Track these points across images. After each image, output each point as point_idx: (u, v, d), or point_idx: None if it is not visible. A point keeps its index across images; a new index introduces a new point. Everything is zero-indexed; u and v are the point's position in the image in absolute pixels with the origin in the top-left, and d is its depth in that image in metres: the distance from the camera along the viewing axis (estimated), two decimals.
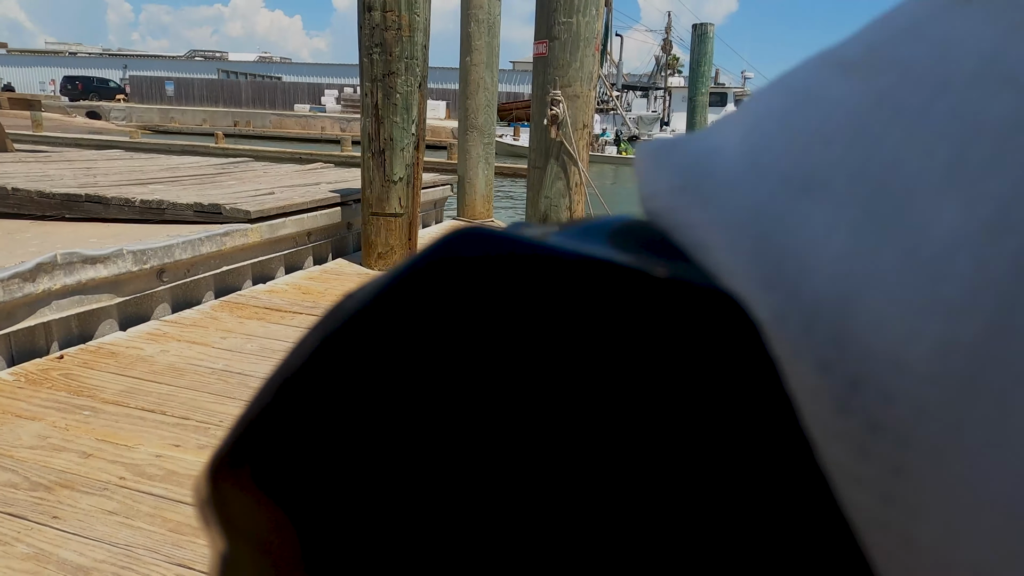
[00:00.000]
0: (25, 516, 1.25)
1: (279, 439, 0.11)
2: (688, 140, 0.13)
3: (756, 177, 0.10)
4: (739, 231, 0.10)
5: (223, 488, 0.12)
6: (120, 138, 15.31)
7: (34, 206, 3.03)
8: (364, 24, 3.02)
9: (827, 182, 0.10)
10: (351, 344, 0.11)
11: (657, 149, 0.13)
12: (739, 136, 0.11)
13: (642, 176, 0.13)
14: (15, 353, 2.01)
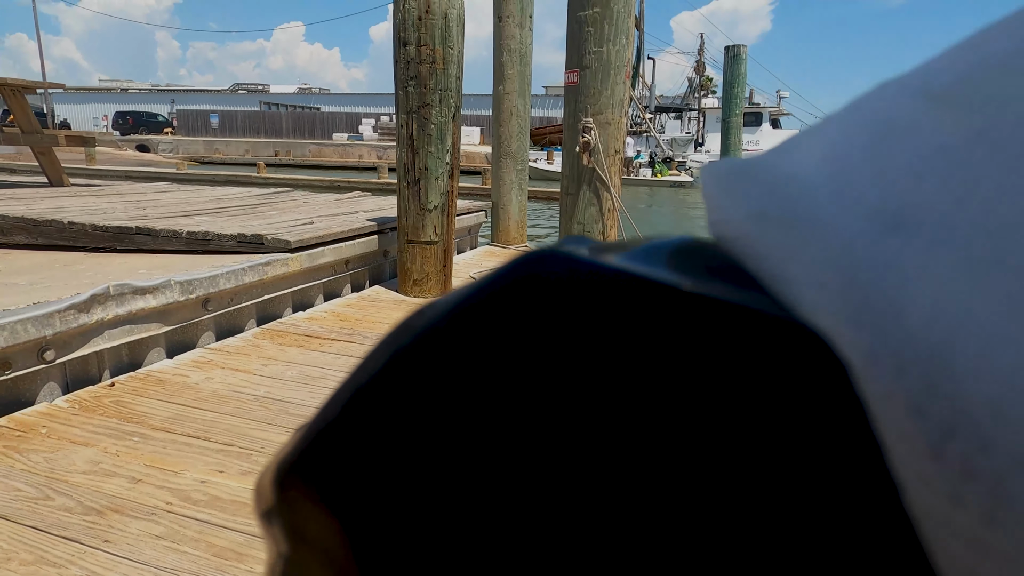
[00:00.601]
0: (79, 540, 1.30)
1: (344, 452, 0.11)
2: (763, 164, 0.12)
3: (843, 211, 0.10)
4: (826, 266, 0.10)
5: (288, 493, 0.12)
6: (168, 170, 15.91)
7: (88, 239, 3.17)
8: (399, 58, 3.11)
9: (920, 220, 0.09)
10: (424, 360, 0.11)
11: (729, 172, 0.12)
12: (818, 164, 0.11)
13: (713, 200, 0.12)
14: (70, 381, 2.10)
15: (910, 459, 0.09)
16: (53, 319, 1.98)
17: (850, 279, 0.09)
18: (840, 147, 0.11)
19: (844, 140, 0.11)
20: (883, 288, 0.09)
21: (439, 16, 3.04)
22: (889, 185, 0.10)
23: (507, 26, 4.57)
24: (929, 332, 0.09)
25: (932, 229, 0.09)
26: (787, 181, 0.11)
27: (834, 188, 0.11)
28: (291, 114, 34.87)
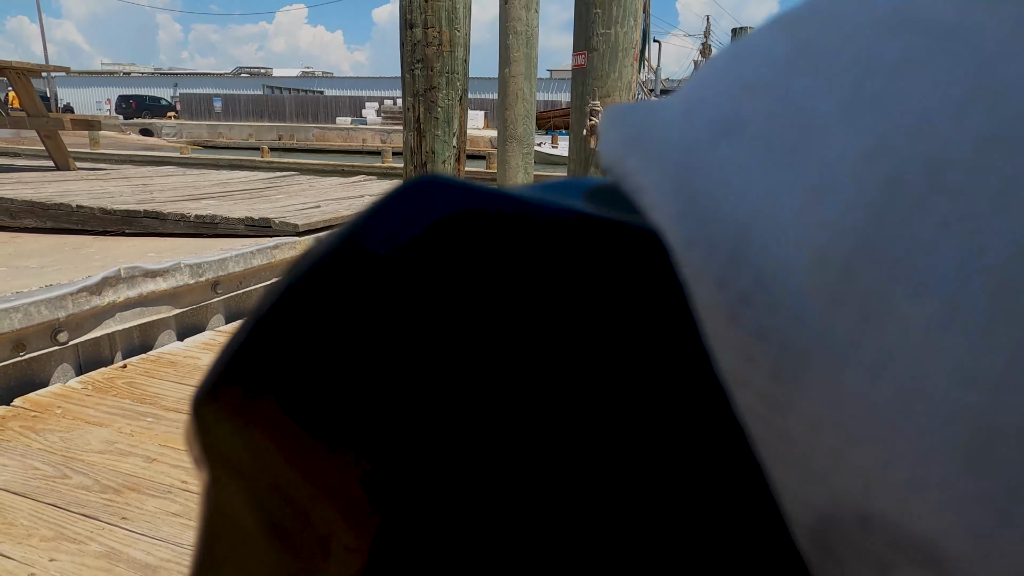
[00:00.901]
0: (97, 517, 1.33)
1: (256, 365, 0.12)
2: (644, 103, 0.14)
3: (686, 124, 0.11)
4: (665, 171, 0.11)
5: (206, 418, 0.13)
6: (172, 154, 15.90)
7: (96, 222, 3.19)
8: (406, 41, 3.10)
9: (744, 124, 0.10)
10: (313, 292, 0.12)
11: (617, 110, 0.14)
12: (683, 94, 0.12)
13: (602, 135, 0.14)
14: (83, 363, 2.12)
15: (715, 328, 0.10)
16: (66, 301, 2.00)
17: (681, 179, 0.11)
18: (699, 78, 0.12)
19: (705, 73, 0.12)
20: (706, 184, 0.10)
21: None
22: (726, 99, 0.11)
23: (513, 8, 4.53)
24: (735, 216, 0.10)
25: (752, 130, 0.10)
26: (652, 113, 0.13)
27: (684, 107, 0.12)
28: (294, 98, 34.75)
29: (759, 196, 0.10)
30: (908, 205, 0.08)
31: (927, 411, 0.08)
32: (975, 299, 0.08)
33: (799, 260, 0.09)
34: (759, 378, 0.09)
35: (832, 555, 0.09)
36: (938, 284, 0.08)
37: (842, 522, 0.09)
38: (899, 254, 0.08)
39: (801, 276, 0.09)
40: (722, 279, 0.10)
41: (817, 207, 0.09)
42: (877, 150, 0.09)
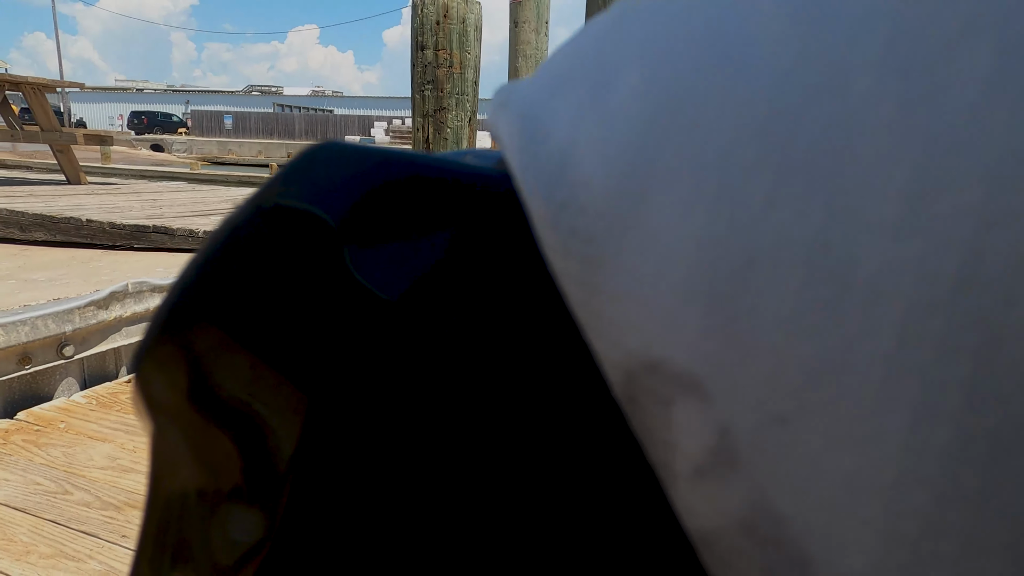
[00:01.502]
0: (97, 534, 1.31)
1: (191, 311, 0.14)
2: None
3: (535, 83, 0.14)
4: (512, 123, 0.13)
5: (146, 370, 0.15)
6: (182, 169, 16.03)
7: (106, 236, 3.20)
8: (417, 62, 3.13)
9: (570, 78, 0.13)
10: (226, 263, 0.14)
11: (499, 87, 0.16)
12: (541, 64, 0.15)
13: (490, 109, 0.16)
14: (88, 377, 2.12)
15: (542, 233, 0.12)
16: (73, 315, 2.00)
17: (522, 126, 0.13)
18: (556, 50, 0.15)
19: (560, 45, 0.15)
20: (539, 126, 0.13)
21: (457, 20, 3.05)
22: (560, 63, 0.14)
23: (523, 31, 4.59)
24: (557, 145, 0.12)
25: (574, 81, 0.13)
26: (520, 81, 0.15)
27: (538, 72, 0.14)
28: (304, 116, 35.10)
29: (572, 128, 0.12)
30: (667, 117, 0.11)
31: (675, 272, 0.10)
32: (708, 184, 0.10)
33: (596, 168, 0.11)
34: (573, 268, 0.11)
35: (636, 404, 0.11)
36: (685, 175, 0.10)
37: (636, 373, 0.11)
38: (660, 156, 0.11)
39: (598, 180, 0.11)
40: (547, 193, 0.12)
41: (610, 126, 0.11)
42: (652, 79, 0.11)
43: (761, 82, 0.10)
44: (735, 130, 0.10)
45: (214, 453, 0.14)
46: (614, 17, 0.13)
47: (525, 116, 0.13)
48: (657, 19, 0.12)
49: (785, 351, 0.10)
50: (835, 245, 0.09)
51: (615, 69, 0.12)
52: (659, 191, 0.11)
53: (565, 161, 0.12)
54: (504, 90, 0.15)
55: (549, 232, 0.12)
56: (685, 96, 0.11)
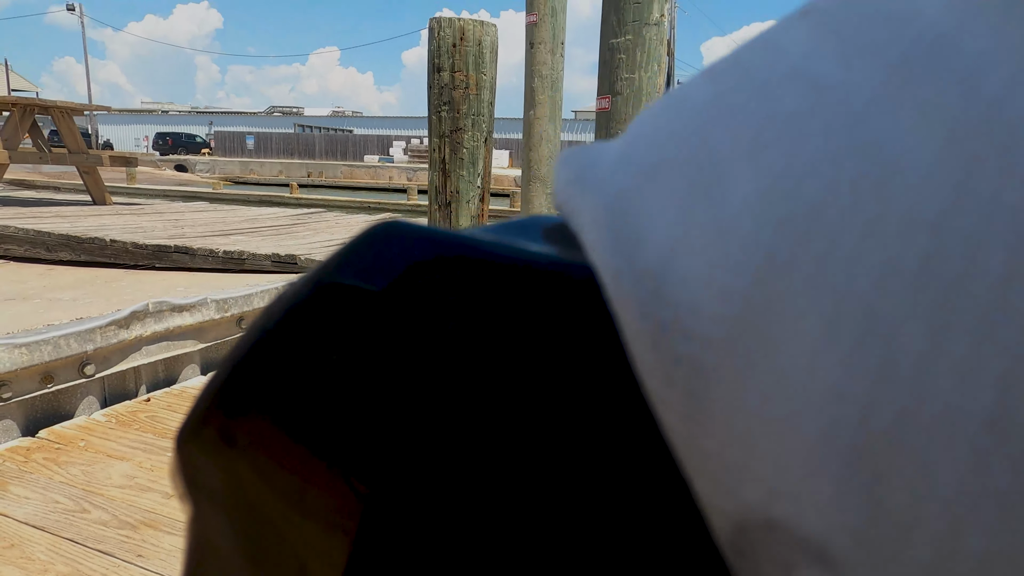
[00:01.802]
0: (113, 553, 1.32)
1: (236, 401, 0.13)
2: (591, 145, 0.14)
3: (619, 168, 0.12)
4: (599, 213, 0.12)
5: (190, 453, 0.14)
6: (204, 189, 16.32)
7: (128, 256, 3.26)
8: (433, 84, 3.17)
9: (667, 169, 0.12)
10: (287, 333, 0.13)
11: (568, 153, 0.15)
12: (625, 134, 0.13)
13: (555, 173, 0.15)
14: (108, 396, 2.15)
15: (640, 353, 0.11)
16: (94, 334, 2.03)
17: (612, 220, 0.12)
18: (637, 122, 0.13)
19: (642, 115, 0.13)
20: (633, 224, 0.11)
21: (473, 43, 3.09)
22: (656, 144, 0.12)
23: (539, 52, 4.63)
24: (657, 253, 0.11)
25: (674, 173, 0.11)
26: (595, 154, 0.14)
27: (622, 151, 0.13)
28: (324, 136, 35.61)
29: (676, 234, 0.11)
30: (796, 240, 0.09)
31: (808, 426, 0.09)
32: (847, 325, 0.09)
33: (708, 292, 0.10)
34: (677, 399, 0.10)
35: (747, 559, 0.10)
36: (818, 313, 0.09)
37: (751, 528, 0.10)
38: (786, 288, 0.09)
39: (710, 306, 0.10)
40: (645, 310, 0.11)
41: (723, 245, 0.10)
42: (772, 192, 0.10)
43: (919, 215, 0.09)
44: (883, 269, 0.09)
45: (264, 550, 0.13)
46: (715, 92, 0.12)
47: (614, 209, 0.12)
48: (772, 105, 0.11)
49: (947, 542, 0.08)
50: (1013, 427, 0.08)
51: (723, 167, 0.11)
52: (787, 327, 0.09)
53: (667, 275, 0.10)
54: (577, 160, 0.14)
55: (646, 353, 0.11)
56: (816, 218, 0.09)
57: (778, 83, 0.11)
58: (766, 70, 0.11)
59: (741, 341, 0.10)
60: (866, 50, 0.10)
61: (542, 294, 0.12)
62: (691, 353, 0.10)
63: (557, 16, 4.66)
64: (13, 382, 1.87)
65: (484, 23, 3.15)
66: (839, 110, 0.10)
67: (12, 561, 1.28)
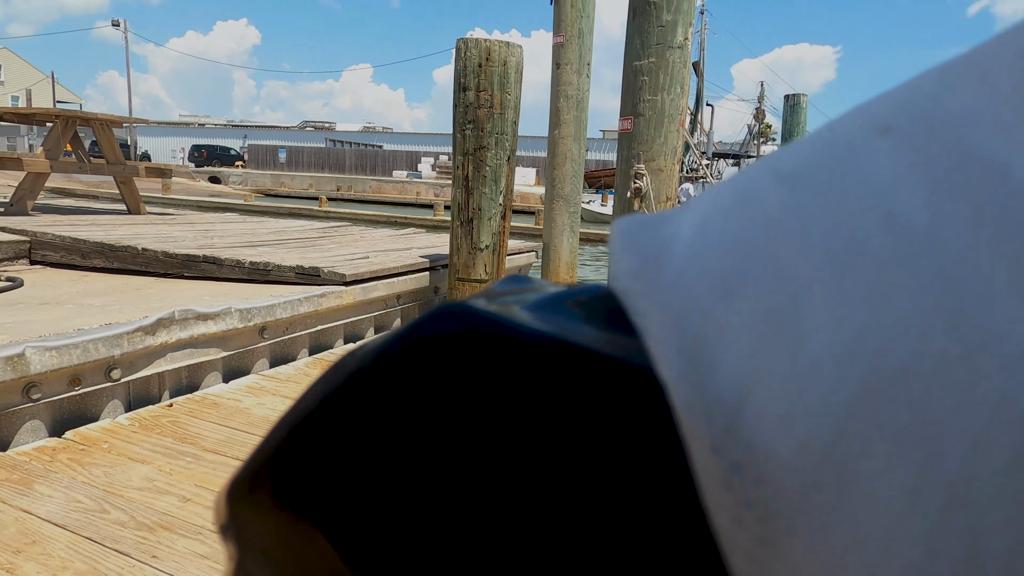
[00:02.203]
0: (129, 553, 1.36)
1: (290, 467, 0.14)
2: (654, 224, 0.14)
3: (693, 276, 0.12)
4: (671, 326, 0.11)
5: (240, 506, 0.15)
6: (236, 201, 16.66)
7: (159, 264, 3.35)
8: (459, 103, 3.23)
9: (743, 288, 0.11)
10: (347, 402, 0.13)
11: (627, 229, 0.14)
12: (693, 228, 0.13)
13: (612, 254, 0.14)
14: (132, 400, 2.21)
15: (709, 488, 0.10)
16: (122, 340, 2.10)
17: (684, 338, 0.11)
18: (708, 213, 0.13)
19: (714, 207, 0.13)
20: (707, 347, 0.11)
21: (499, 63, 3.15)
22: (728, 252, 0.12)
23: (565, 73, 4.68)
24: (732, 386, 0.10)
25: (750, 296, 0.11)
26: (661, 244, 0.13)
27: (692, 252, 0.12)
28: (355, 151, 36.16)
29: (753, 372, 0.10)
30: (879, 404, 0.09)
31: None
32: (931, 502, 0.09)
33: (785, 441, 0.10)
34: (746, 540, 0.10)
35: None
36: (900, 481, 0.09)
37: None
38: (868, 448, 0.09)
39: (786, 455, 0.10)
40: (717, 446, 0.10)
41: (802, 393, 0.10)
42: (856, 346, 0.10)
43: (1011, 400, 0.08)
44: (972, 453, 0.09)
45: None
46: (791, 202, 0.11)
47: (685, 327, 0.11)
48: (857, 241, 0.10)
49: None
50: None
51: (803, 301, 0.10)
52: (866, 491, 0.09)
53: (742, 412, 0.10)
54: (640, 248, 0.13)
55: (718, 490, 0.10)
56: (902, 385, 0.09)
57: (862, 214, 0.10)
58: (847, 191, 0.11)
59: (817, 496, 0.09)
60: (957, 196, 0.10)
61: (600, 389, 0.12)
62: (764, 499, 0.10)
63: (584, 38, 4.71)
64: (43, 383, 1.93)
65: (510, 44, 3.20)
66: (929, 265, 0.10)
67: (33, 557, 1.32)
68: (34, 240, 3.59)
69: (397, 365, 0.13)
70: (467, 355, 0.13)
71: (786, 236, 0.11)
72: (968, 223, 0.10)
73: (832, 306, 0.10)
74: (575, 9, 4.65)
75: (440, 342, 0.13)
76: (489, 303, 0.14)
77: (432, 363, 0.13)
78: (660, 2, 2.81)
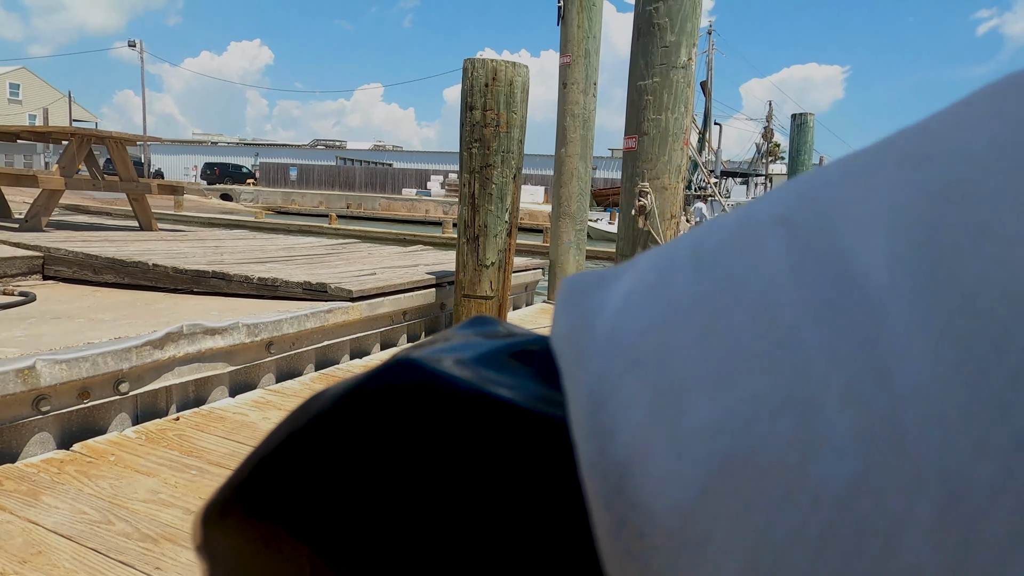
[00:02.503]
0: (133, 564, 1.37)
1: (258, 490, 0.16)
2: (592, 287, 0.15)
3: (608, 349, 0.13)
4: (584, 392, 0.13)
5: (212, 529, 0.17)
6: (247, 218, 16.82)
7: (169, 280, 3.40)
8: (465, 121, 3.27)
9: (643, 364, 0.12)
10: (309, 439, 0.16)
11: (570, 289, 0.16)
12: (620, 299, 0.14)
13: (555, 311, 0.16)
14: (139, 413, 2.23)
15: (602, 536, 0.12)
16: (130, 354, 2.13)
17: (591, 404, 0.13)
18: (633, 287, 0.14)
19: (639, 280, 0.14)
20: (608, 414, 0.12)
21: (505, 83, 3.19)
22: (637, 331, 0.13)
23: (571, 92, 4.73)
24: (624, 451, 0.12)
25: (648, 372, 0.12)
26: (592, 310, 0.14)
27: (611, 325, 0.14)
28: (365, 169, 36.47)
29: (641, 440, 0.12)
30: (729, 481, 0.11)
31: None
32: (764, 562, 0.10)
33: (660, 502, 0.11)
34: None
35: None
36: (739, 554, 0.10)
37: None
38: (719, 519, 0.10)
39: (660, 515, 0.11)
40: (609, 502, 0.12)
41: (676, 462, 0.11)
42: (720, 428, 0.11)
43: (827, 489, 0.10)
44: (792, 531, 0.10)
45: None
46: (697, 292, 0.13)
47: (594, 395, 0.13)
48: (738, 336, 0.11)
49: None
50: None
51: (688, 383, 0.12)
52: (715, 557, 0.10)
53: (630, 475, 0.11)
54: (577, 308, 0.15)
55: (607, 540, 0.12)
56: (750, 465, 0.10)
57: (745, 309, 0.12)
58: (739, 285, 0.12)
59: (683, 554, 0.11)
60: (817, 295, 0.11)
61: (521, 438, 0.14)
62: (643, 551, 0.11)
63: (590, 58, 4.77)
64: (52, 396, 1.96)
65: (516, 64, 3.25)
66: (787, 362, 0.11)
67: (39, 568, 1.34)
68: (47, 256, 3.65)
69: (351, 411, 0.15)
70: (410, 405, 0.15)
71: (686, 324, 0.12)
72: (824, 332, 0.11)
73: (709, 391, 0.11)
74: (582, 30, 4.72)
75: (389, 393, 0.15)
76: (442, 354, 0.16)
77: (380, 410, 0.15)
78: (664, 23, 2.85)
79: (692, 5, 2.85)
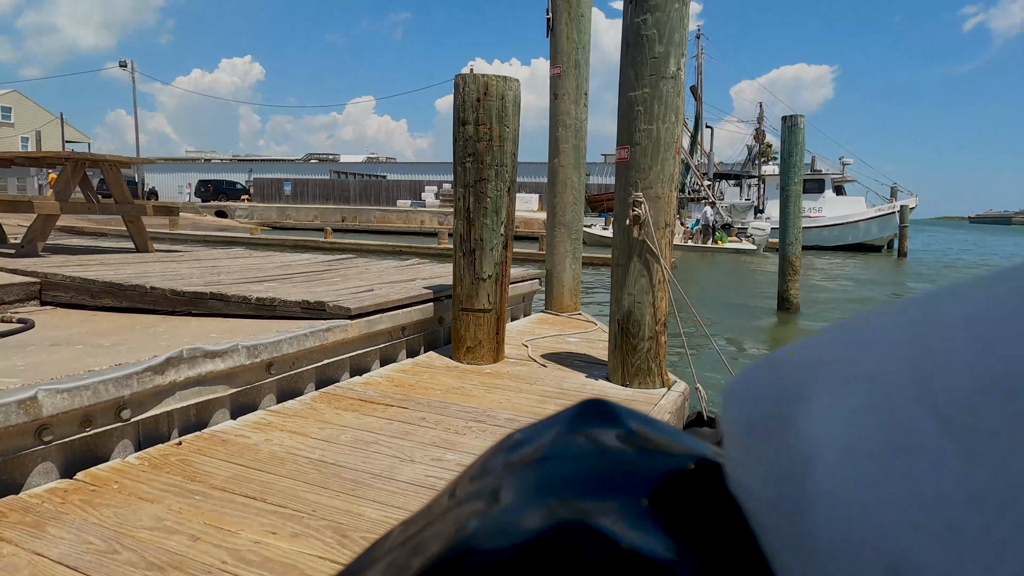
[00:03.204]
0: None
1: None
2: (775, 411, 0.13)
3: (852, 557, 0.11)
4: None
5: None
6: (242, 234, 16.83)
7: (167, 302, 3.40)
8: (458, 136, 3.30)
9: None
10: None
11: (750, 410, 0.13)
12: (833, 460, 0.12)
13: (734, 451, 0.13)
14: (142, 439, 2.23)
15: None
16: (131, 380, 2.13)
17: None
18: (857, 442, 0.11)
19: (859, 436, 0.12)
20: None
21: (496, 98, 3.22)
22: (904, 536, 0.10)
23: (563, 103, 4.76)
24: None
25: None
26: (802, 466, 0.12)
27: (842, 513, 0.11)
28: (359, 182, 36.52)
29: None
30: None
31: None
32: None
33: None
34: None
35: None
36: None
37: None
38: None
39: None
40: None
41: None
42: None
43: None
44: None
45: None
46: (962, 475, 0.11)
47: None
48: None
49: None
50: None
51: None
52: None
53: None
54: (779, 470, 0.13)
55: None
56: None
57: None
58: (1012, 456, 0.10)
59: None
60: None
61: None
62: None
63: (580, 68, 4.80)
64: (54, 426, 1.96)
65: (507, 78, 3.28)
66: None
67: None
68: (44, 281, 3.65)
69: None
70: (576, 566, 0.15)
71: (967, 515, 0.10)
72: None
73: None
74: (571, 41, 4.75)
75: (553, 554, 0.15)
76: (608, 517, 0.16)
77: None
78: (652, 35, 2.88)
79: (680, 16, 2.88)
